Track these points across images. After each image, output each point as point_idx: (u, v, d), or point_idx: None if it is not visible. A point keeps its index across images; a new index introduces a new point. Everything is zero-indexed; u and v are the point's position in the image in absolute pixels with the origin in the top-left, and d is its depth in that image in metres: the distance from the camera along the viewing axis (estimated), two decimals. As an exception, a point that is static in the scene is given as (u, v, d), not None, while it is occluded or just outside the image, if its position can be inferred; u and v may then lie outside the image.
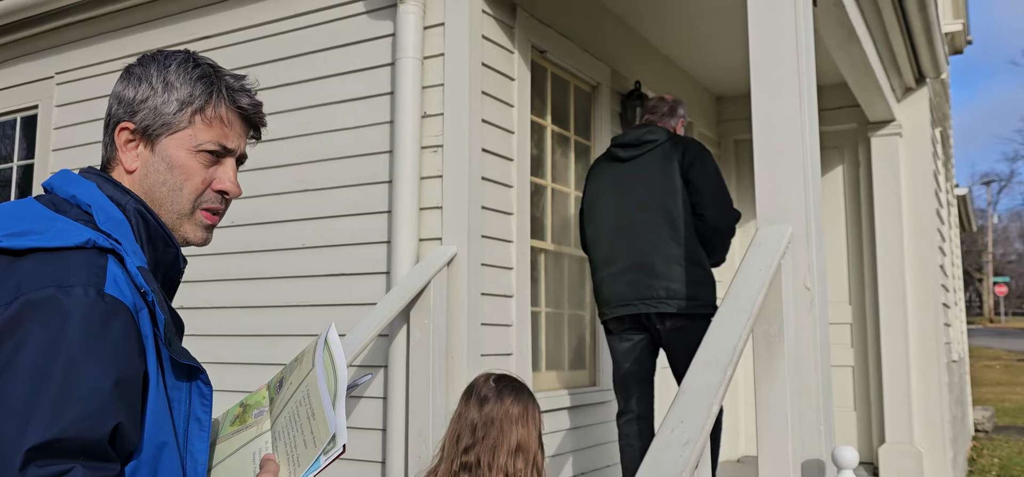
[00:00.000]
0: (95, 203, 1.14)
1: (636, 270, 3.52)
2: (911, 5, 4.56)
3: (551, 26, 4.18)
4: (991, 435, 10.29)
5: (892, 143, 5.71)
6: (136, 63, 1.26)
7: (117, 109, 1.24)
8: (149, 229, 1.19)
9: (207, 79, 1.24)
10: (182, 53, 1.27)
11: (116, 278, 1.04)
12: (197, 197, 1.24)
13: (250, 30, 4.09)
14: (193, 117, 1.22)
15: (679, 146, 3.58)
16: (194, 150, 1.22)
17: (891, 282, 5.59)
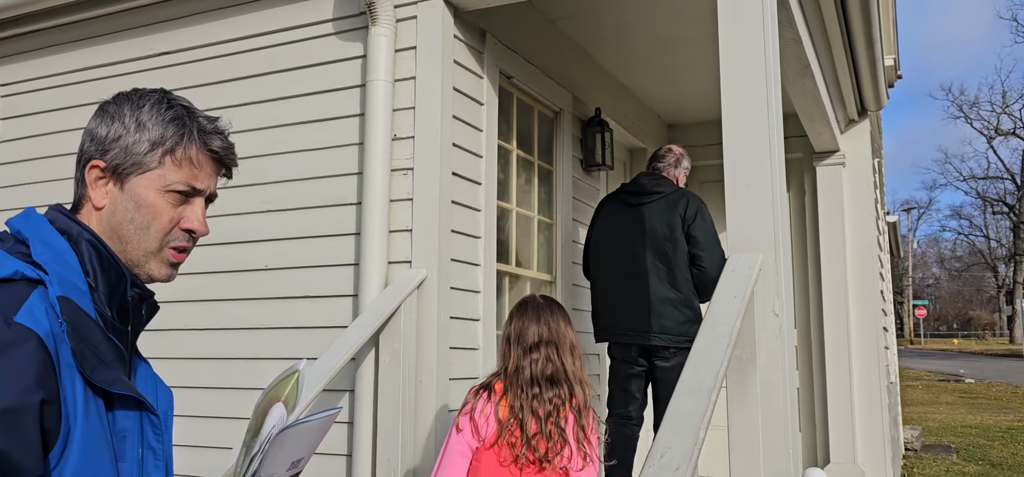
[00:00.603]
0: (33, 235, 1.16)
1: (636, 305, 3.94)
2: (859, 42, 4.76)
3: (518, 52, 4.24)
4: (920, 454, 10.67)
5: (836, 172, 5.93)
6: (111, 101, 1.28)
7: (89, 146, 1.25)
8: (102, 259, 1.20)
9: (179, 121, 1.25)
10: (157, 93, 1.28)
11: (34, 307, 1.06)
12: (164, 235, 1.25)
13: (215, 47, 4.03)
14: (164, 157, 1.23)
15: (682, 200, 3.97)
16: (163, 190, 1.23)
17: (835, 306, 5.79)
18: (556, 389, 2.54)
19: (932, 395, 18.88)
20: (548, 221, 4.75)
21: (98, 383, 1.10)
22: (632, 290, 3.96)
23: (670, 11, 4.55)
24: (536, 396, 2.52)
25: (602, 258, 4.14)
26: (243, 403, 3.64)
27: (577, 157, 5.00)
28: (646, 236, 3.96)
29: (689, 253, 3.92)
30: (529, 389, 2.54)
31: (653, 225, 3.96)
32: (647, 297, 3.92)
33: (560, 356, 2.58)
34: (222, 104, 3.95)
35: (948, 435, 11.96)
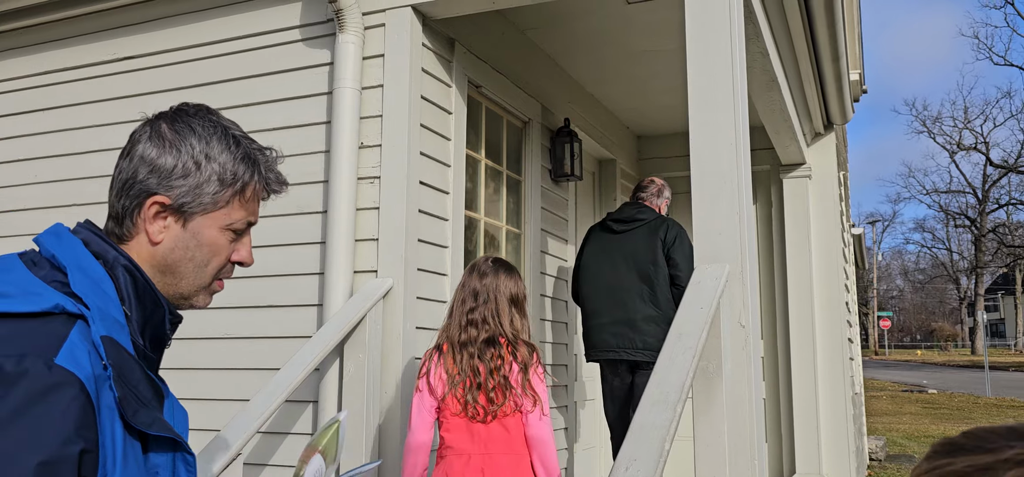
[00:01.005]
0: (71, 263, 1.09)
1: (620, 324, 4.25)
2: (825, 57, 4.81)
3: (487, 62, 4.22)
4: (884, 463, 10.79)
5: (802, 184, 5.99)
6: (166, 124, 1.19)
7: (147, 177, 1.17)
8: (137, 287, 1.15)
9: (249, 159, 1.21)
10: (214, 119, 1.22)
11: (75, 347, 0.99)
12: (219, 270, 1.22)
13: (180, 52, 3.97)
14: (233, 198, 1.19)
15: (663, 226, 4.32)
16: (225, 228, 1.20)
17: (801, 317, 5.84)
18: (494, 347, 2.73)
19: (896, 405, 19.13)
20: (516, 231, 4.73)
21: (139, 426, 1.05)
22: (618, 310, 4.27)
23: (639, 23, 4.57)
24: (475, 354, 2.73)
25: (590, 282, 4.43)
26: (208, 414, 3.58)
27: (546, 167, 5.00)
28: (630, 260, 4.30)
29: (669, 275, 4.25)
30: (467, 349, 2.75)
31: (636, 250, 4.30)
32: (631, 316, 4.23)
33: (498, 316, 2.77)
34: (186, 110, 3.88)
35: (912, 445, 12.12)
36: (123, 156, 1.21)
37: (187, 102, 1.25)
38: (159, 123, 1.20)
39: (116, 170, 1.21)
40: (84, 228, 1.16)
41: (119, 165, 1.21)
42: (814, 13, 4.32)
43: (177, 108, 1.23)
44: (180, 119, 1.20)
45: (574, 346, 5.37)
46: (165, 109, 1.24)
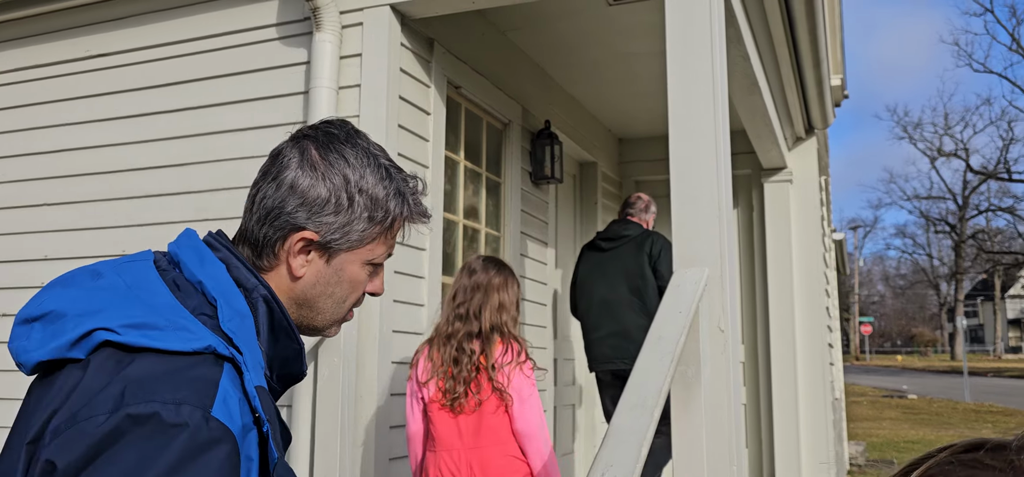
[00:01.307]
0: (221, 296, 1.02)
1: (616, 336, 4.46)
2: (806, 62, 4.81)
3: (466, 62, 4.18)
4: (864, 469, 10.83)
5: (783, 189, 5.98)
6: (316, 149, 1.11)
7: (296, 209, 1.09)
8: (273, 320, 1.09)
9: (400, 196, 1.15)
10: (364, 147, 1.14)
11: (227, 397, 0.92)
12: (355, 303, 1.18)
13: (152, 50, 3.90)
14: (379, 235, 1.14)
15: (648, 239, 4.55)
16: (366, 263, 1.15)
17: (781, 322, 5.83)
18: (477, 339, 2.83)
19: (876, 411, 19.24)
20: (496, 234, 4.69)
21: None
22: (612, 322, 4.49)
23: (621, 25, 4.55)
24: (457, 346, 2.83)
25: (586, 298, 4.67)
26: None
27: (526, 169, 4.96)
28: (620, 275, 4.52)
29: (657, 285, 4.44)
30: (451, 341, 2.85)
31: (626, 264, 4.53)
32: (625, 327, 4.43)
33: (484, 310, 2.86)
34: (159, 109, 3.82)
35: (891, 450, 12.17)
36: (267, 179, 1.12)
37: (332, 120, 1.17)
38: (308, 147, 1.12)
39: (257, 192, 1.12)
40: (222, 245, 1.09)
41: (262, 188, 1.12)
42: (795, 18, 4.31)
43: (325, 129, 1.15)
44: (331, 144, 1.12)
45: (554, 350, 5.34)
46: (310, 127, 1.15)
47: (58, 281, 1.03)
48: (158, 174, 3.78)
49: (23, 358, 0.98)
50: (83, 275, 1.02)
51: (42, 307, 0.99)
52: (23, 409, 0.99)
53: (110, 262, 1.05)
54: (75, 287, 1.00)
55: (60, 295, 0.99)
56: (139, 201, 3.79)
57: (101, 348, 0.92)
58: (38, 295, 1.03)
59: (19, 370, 1.01)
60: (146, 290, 0.99)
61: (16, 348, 0.99)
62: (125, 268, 1.03)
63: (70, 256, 3.88)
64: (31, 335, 0.98)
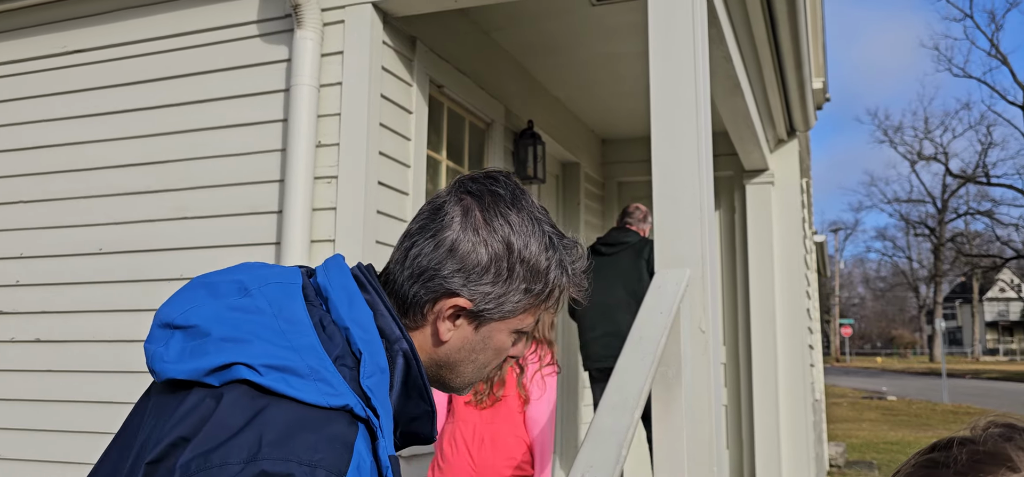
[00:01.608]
0: (367, 348, 0.97)
1: (610, 336, 4.63)
2: (788, 63, 4.82)
3: (449, 61, 4.16)
4: (843, 470, 10.90)
5: (765, 191, 6.00)
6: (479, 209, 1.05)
7: (452, 274, 1.04)
8: (409, 377, 1.03)
9: (561, 266, 1.08)
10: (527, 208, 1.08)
11: (360, 463, 0.88)
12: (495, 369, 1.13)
13: (131, 46, 3.85)
14: (533, 306, 1.08)
15: (646, 247, 4.73)
16: (514, 331, 1.09)
17: (762, 324, 5.85)
18: None
19: (856, 412, 19.37)
20: (478, 234, 4.67)
21: None
22: (607, 323, 4.68)
23: (605, 25, 4.54)
24: None
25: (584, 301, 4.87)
26: (153, 419, 3.46)
27: (509, 169, 4.95)
28: (618, 279, 4.72)
29: None
30: None
31: (624, 269, 4.73)
32: (619, 328, 4.54)
33: None
34: (137, 106, 3.77)
35: (870, 452, 12.25)
36: (425, 234, 1.06)
37: (497, 176, 1.10)
38: (472, 207, 1.06)
39: (412, 245, 1.06)
40: (371, 286, 1.03)
41: (418, 243, 1.06)
42: (777, 19, 4.33)
43: (490, 187, 1.08)
44: (497, 206, 1.06)
45: (536, 351, 5.33)
46: (473, 179, 1.09)
47: (204, 284, 0.99)
48: (136, 171, 3.73)
49: (158, 369, 0.94)
50: (230, 287, 0.98)
51: (187, 318, 0.95)
52: (141, 413, 0.96)
53: (257, 273, 1.00)
54: (221, 301, 0.96)
55: (205, 308, 0.95)
56: (117, 199, 3.74)
57: (238, 382, 0.88)
58: (183, 296, 0.99)
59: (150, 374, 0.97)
60: (292, 327, 0.94)
61: (153, 354, 0.95)
62: (273, 291, 0.97)
63: (46, 254, 3.83)
64: (169, 345, 0.94)
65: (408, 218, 3.72)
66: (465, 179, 1.10)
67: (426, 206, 1.10)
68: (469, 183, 1.09)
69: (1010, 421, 0.59)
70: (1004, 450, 0.55)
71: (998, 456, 0.54)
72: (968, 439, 0.58)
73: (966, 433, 0.59)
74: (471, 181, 1.10)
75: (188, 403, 0.89)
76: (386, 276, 1.09)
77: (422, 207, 1.11)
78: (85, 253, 3.76)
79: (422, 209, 1.10)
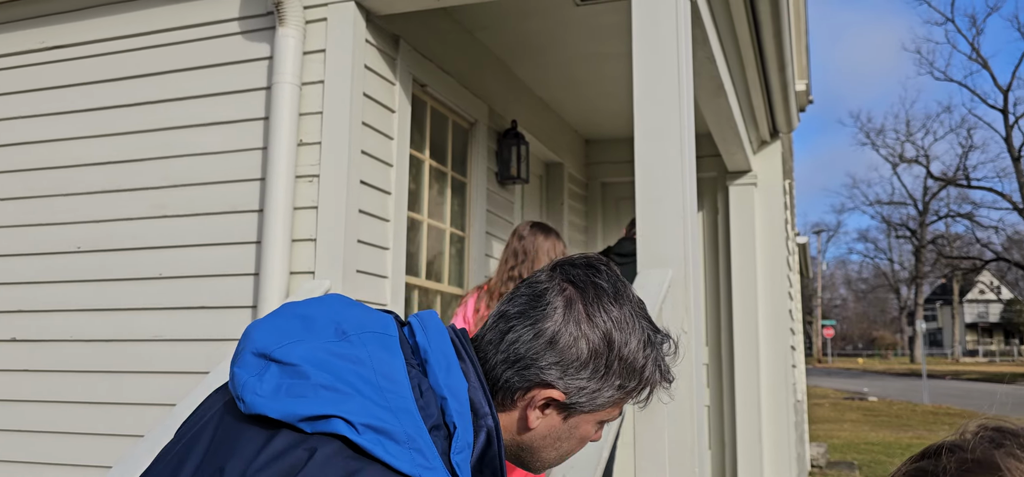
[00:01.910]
0: (461, 424, 0.95)
1: None
2: (772, 65, 4.84)
3: (432, 60, 4.14)
4: (825, 470, 10.96)
5: (748, 192, 6.02)
6: (582, 301, 1.04)
7: (549, 366, 1.02)
8: (487, 455, 1.01)
9: (655, 365, 1.07)
10: (630, 303, 1.06)
11: None
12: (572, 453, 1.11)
13: (109, 42, 3.80)
14: (623, 401, 1.08)
15: None
16: (600, 422, 1.08)
17: (745, 324, 5.87)
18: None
19: (838, 413, 19.49)
20: (461, 234, 4.66)
21: None
22: None
23: (589, 26, 4.54)
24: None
25: None
26: (136, 419, 3.43)
27: (492, 170, 4.94)
28: None
29: None
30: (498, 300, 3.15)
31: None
32: None
33: (532, 270, 3.14)
34: (116, 103, 3.73)
35: (851, 452, 12.33)
36: (524, 321, 1.03)
37: (596, 265, 1.08)
38: (575, 299, 1.04)
39: (510, 330, 1.04)
40: (467, 355, 1.01)
41: (516, 328, 1.03)
42: (761, 21, 4.34)
43: (592, 278, 1.06)
44: (600, 300, 1.04)
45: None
46: (574, 266, 1.07)
47: (299, 316, 0.96)
48: (115, 169, 3.69)
49: (248, 400, 0.90)
50: (327, 326, 0.95)
51: (287, 354, 0.92)
52: (216, 429, 0.93)
53: (353, 316, 0.97)
54: (319, 341, 0.93)
55: (304, 347, 0.92)
56: (95, 197, 3.70)
57: (333, 436, 0.86)
58: (278, 326, 0.96)
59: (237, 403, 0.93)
60: (391, 386, 0.91)
61: (244, 382, 0.92)
62: (372, 342, 0.95)
63: (24, 252, 3.78)
64: (264, 378, 0.91)
65: (391, 218, 3.70)
66: (566, 266, 1.09)
67: (525, 289, 1.08)
68: (571, 271, 1.08)
69: (1000, 425, 0.57)
70: (993, 458, 0.53)
71: (987, 464, 0.53)
72: (957, 445, 0.56)
73: (955, 439, 0.57)
74: (572, 268, 1.08)
75: (276, 445, 0.86)
76: (477, 348, 1.07)
77: (519, 288, 1.09)
78: (62, 252, 3.71)
79: (520, 290, 1.08)
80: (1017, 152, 38.55)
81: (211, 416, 0.96)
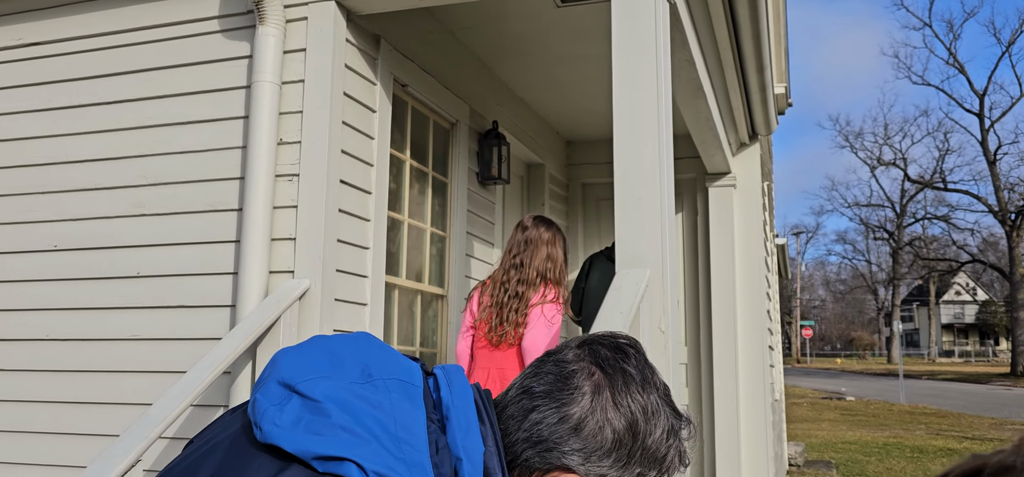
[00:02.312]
0: None
1: None
2: (751, 67, 4.88)
3: (413, 60, 4.15)
4: (802, 469, 11.05)
5: (727, 194, 6.07)
6: (610, 386, 1.02)
7: (573, 450, 1.00)
8: None
9: (677, 453, 1.05)
10: (657, 389, 1.05)
11: None
12: None
13: (89, 40, 3.78)
14: None
15: None
16: None
17: (724, 325, 5.92)
18: (525, 285, 3.42)
19: (816, 412, 19.66)
20: (441, 234, 4.66)
21: None
22: None
23: (570, 27, 4.56)
24: (504, 290, 3.45)
25: (594, 303, 5.01)
26: (112, 419, 3.41)
27: (473, 170, 4.95)
28: None
29: None
30: (504, 287, 3.47)
31: None
32: None
33: (531, 261, 3.47)
34: (95, 100, 3.71)
35: (829, 451, 12.44)
36: (550, 402, 1.02)
37: (624, 347, 1.07)
38: (602, 385, 1.02)
39: (534, 409, 1.02)
40: (487, 417, 1.00)
41: (541, 408, 1.02)
42: (740, 23, 4.38)
43: (620, 363, 1.04)
44: (628, 387, 1.02)
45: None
46: (601, 345, 1.06)
47: (327, 351, 0.96)
48: (93, 167, 3.67)
49: (266, 429, 0.90)
50: (354, 364, 0.95)
51: (311, 389, 0.91)
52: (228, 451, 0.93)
53: (382, 359, 0.96)
54: (345, 380, 0.93)
55: (328, 384, 0.92)
56: (73, 195, 3.68)
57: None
58: (305, 358, 0.95)
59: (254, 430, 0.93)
60: (409, 438, 0.91)
61: (264, 410, 0.92)
62: (396, 389, 0.94)
63: (2, 251, 3.75)
64: (285, 410, 0.91)
65: (371, 217, 3.71)
66: (595, 346, 1.07)
67: (552, 366, 1.05)
68: (599, 353, 1.06)
69: None
70: None
71: None
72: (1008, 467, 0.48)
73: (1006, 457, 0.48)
74: (602, 348, 1.06)
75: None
76: (499, 415, 1.05)
77: (546, 365, 1.06)
78: (39, 250, 3.68)
79: (547, 367, 1.06)
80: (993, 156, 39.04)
81: (225, 437, 0.96)
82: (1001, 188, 38.35)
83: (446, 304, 4.64)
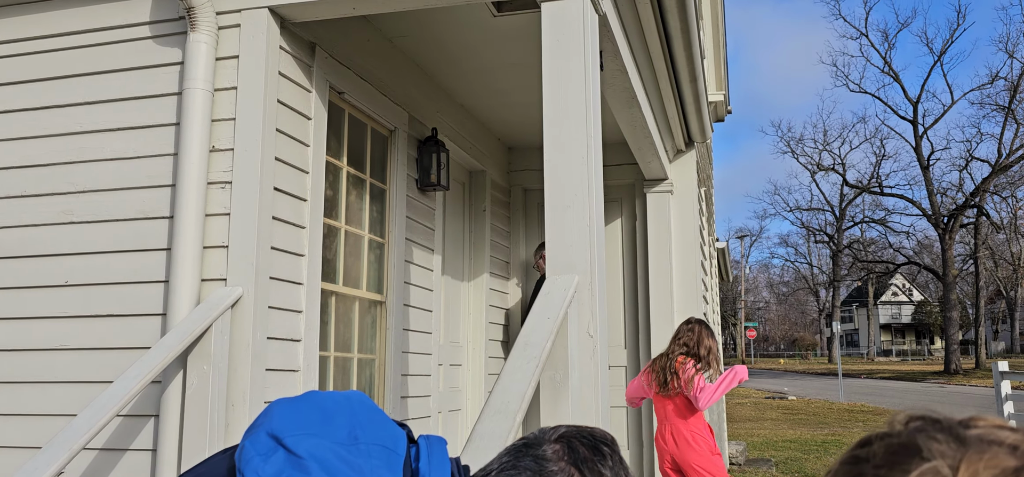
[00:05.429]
0: None
1: None
2: (684, 77, 5.00)
3: (350, 68, 4.16)
4: (743, 468, 11.28)
5: (664, 199, 6.20)
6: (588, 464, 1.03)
7: None
8: None
9: None
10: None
11: None
12: None
13: (16, 44, 3.71)
14: None
15: None
16: None
17: (662, 327, 6.03)
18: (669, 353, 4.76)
19: (758, 412, 20.06)
20: (380, 240, 4.68)
21: None
22: None
23: (507, 35, 4.62)
24: (662, 356, 4.80)
25: None
26: (37, 431, 3.35)
27: (412, 176, 4.97)
28: None
29: None
30: (661, 357, 4.82)
31: None
32: None
33: (678, 340, 4.78)
34: (20, 106, 3.64)
35: (769, 449, 12.72)
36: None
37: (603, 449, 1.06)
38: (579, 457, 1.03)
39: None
40: None
41: None
42: (672, 36, 4.48)
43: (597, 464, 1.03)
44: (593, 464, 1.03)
45: (438, 356, 5.36)
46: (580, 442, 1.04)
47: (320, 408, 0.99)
48: (20, 174, 3.60)
49: (247, 474, 0.94)
50: (342, 426, 0.99)
51: (297, 445, 0.95)
52: None
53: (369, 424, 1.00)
54: (331, 440, 0.96)
55: (314, 442, 0.95)
56: (2, 202, 3.61)
57: None
58: (298, 412, 0.98)
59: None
60: None
61: (249, 459, 0.95)
62: (378, 455, 0.98)
63: (-81, 259, 3.65)
64: (269, 461, 0.94)
65: (307, 224, 3.71)
66: (575, 443, 1.07)
67: (531, 462, 1.04)
68: (579, 452, 1.06)
69: (925, 414, 0.62)
70: (915, 440, 0.58)
71: (911, 447, 0.57)
72: (886, 434, 0.61)
73: (885, 429, 0.62)
74: (581, 446, 1.07)
75: None
76: None
77: (525, 458, 1.05)
78: (-37, 258, 3.60)
79: (525, 463, 1.04)
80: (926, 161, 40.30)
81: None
82: (934, 192, 39.63)
83: (385, 310, 4.65)
